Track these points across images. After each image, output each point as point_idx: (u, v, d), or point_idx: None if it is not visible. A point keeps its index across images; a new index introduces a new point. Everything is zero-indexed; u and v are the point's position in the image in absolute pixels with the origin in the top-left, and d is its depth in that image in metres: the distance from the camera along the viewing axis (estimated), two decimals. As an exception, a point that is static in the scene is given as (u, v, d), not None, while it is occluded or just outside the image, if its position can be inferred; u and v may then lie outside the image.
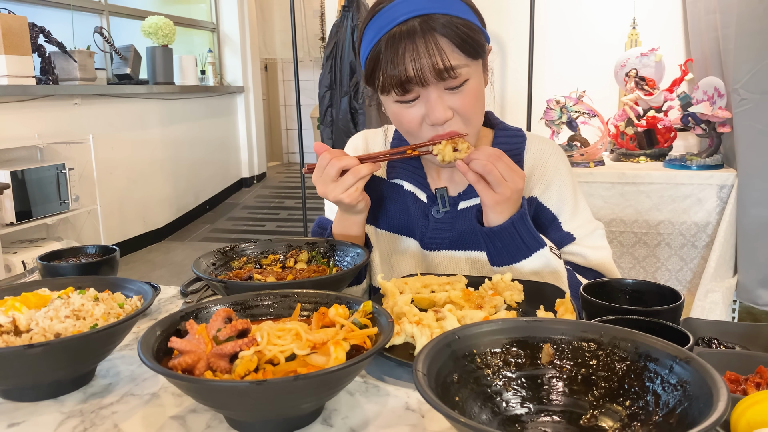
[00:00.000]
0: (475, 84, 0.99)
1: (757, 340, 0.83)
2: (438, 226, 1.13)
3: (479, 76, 1.01)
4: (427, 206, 1.14)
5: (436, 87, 0.96)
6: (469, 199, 1.12)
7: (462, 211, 1.12)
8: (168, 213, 5.22)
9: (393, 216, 1.17)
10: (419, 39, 0.93)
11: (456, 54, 0.95)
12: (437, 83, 0.95)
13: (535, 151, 1.14)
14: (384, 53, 0.95)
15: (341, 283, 0.95)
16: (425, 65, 0.93)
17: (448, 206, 1.12)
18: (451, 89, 0.97)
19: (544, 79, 3.17)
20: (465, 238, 1.12)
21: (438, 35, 0.93)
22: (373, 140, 1.23)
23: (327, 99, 3.61)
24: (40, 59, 3.73)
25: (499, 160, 0.96)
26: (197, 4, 6.29)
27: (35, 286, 0.87)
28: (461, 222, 1.11)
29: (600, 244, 1.13)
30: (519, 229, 0.99)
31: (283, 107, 8.30)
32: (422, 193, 1.15)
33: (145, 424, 0.68)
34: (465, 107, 0.99)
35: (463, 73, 0.96)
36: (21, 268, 3.21)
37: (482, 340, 0.64)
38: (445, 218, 1.13)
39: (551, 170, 1.12)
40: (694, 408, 0.52)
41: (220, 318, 0.70)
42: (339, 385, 0.65)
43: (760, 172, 2.35)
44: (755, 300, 2.42)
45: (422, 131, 1.01)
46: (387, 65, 0.95)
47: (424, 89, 0.96)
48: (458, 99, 0.98)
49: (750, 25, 2.29)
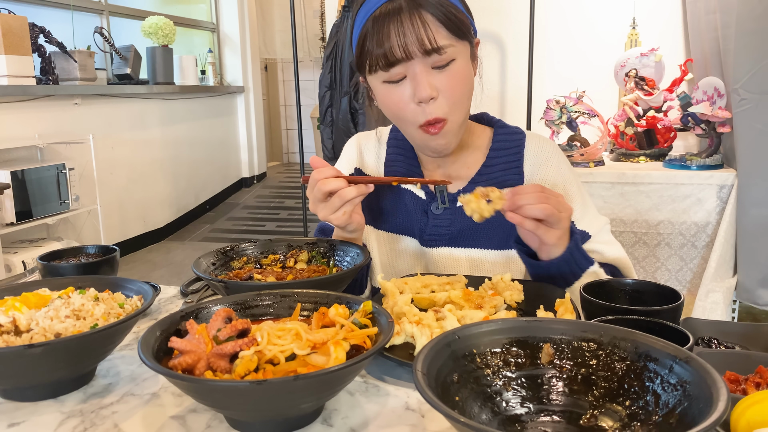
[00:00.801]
0: (461, 66, 0.99)
1: (757, 340, 0.83)
2: (437, 222, 1.13)
3: (466, 60, 1.01)
4: (426, 203, 1.14)
5: (422, 63, 0.96)
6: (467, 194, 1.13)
7: (461, 208, 1.12)
8: (168, 213, 5.22)
9: (392, 216, 1.17)
10: (405, 15, 0.94)
11: (442, 31, 0.96)
12: (423, 59, 0.96)
13: (535, 149, 1.13)
14: (370, 31, 0.97)
15: (341, 283, 0.95)
16: (410, 40, 0.94)
17: (447, 202, 1.12)
18: (437, 68, 0.97)
19: (544, 79, 3.17)
20: (464, 234, 1.12)
21: (424, 11, 0.95)
22: (366, 145, 1.22)
23: (327, 99, 3.61)
24: (40, 59, 3.73)
25: (547, 195, 0.90)
26: (197, 4, 6.29)
27: (35, 286, 0.87)
28: (460, 218, 1.11)
29: (611, 239, 1.13)
30: (575, 256, 0.96)
31: (283, 107, 8.30)
32: (420, 190, 1.15)
33: (145, 424, 0.68)
34: (451, 88, 0.98)
35: (449, 51, 0.96)
36: (21, 268, 3.21)
37: (482, 340, 0.64)
38: (445, 214, 1.12)
39: (554, 170, 1.12)
40: (694, 408, 0.52)
41: (220, 318, 0.70)
42: (339, 385, 0.65)
43: (760, 172, 2.35)
44: (755, 300, 2.42)
45: (409, 113, 1.00)
46: (373, 43, 0.96)
47: (411, 67, 0.96)
48: (444, 78, 0.98)
49: (750, 25, 2.29)
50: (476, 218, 0.93)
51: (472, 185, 1.10)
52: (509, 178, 1.11)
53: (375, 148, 1.21)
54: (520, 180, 1.11)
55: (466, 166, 1.14)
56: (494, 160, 1.12)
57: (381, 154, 1.19)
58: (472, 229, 1.10)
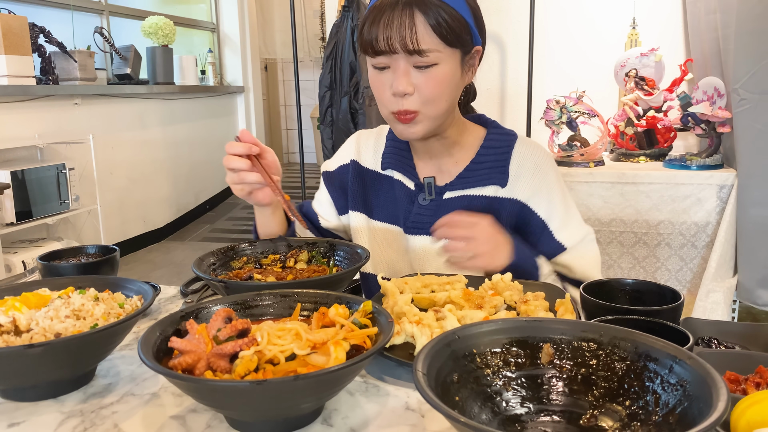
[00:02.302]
0: (444, 71, 1.01)
1: (757, 340, 0.83)
2: (421, 211, 1.15)
3: (453, 67, 1.02)
4: (413, 193, 1.17)
5: (404, 60, 1.00)
6: (455, 189, 1.14)
7: (447, 201, 1.14)
8: (168, 213, 5.22)
9: (383, 206, 1.20)
10: (397, 12, 0.97)
11: (429, 35, 0.98)
12: (405, 56, 0.99)
13: (523, 152, 1.14)
14: (367, 18, 1.01)
15: (341, 283, 0.95)
16: (395, 36, 0.97)
17: (434, 194, 1.14)
18: (419, 67, 1.00)
19: (544, 79, 3.17)
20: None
21: (416, 11, 0.97)
22: (366, 142, 1.25)
23: (327, 99, 3.61)
24: (40, 59, 3.72)
25: (453, 228, 1.00)
26: (197, 4, 6.29)
27: (35, 286, 0.87)
28: (444, 211, 1.12)
29: (589, 252, 1.14)
30: (521, 263, 1.03)
31: (283, 107, 8.30)
32: (410, 181, 1.17)
33: (145, 424, 0.68)
34: (428, 88, 1.01)
35: (432, 56, 0.99)
36: (21, 268, 3.21)
37: (482, 340, 0.64)
38: (430, 206, 1.15)
39: (539, 175, 1.13)
40: (694, 408, 0.52)
41: (220, 318, 0.70)
42: (339, 385, 0.65)
43: (760, 172, 2.35)
44: (755, 300, 2.42)
45: (385, 99, 1.05)
46: (365, 28, 1.01)
47: (394, 60, 1.00)
48: (423, 78, 1.00)
49: (749, 25, 2.29)
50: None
51: (459, 180, 1.13)
52: (494, 176, 1.13)
53: (374, 141, 1.24)
54: (504, 180, 1.12)
55: (455, 162, 1.16)
56: (482, 158, 1.14)
57: (379, 148, 1.23)
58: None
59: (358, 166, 1.23)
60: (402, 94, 1.01)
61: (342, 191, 1.25)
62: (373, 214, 1.21)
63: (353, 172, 1.22)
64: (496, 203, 1.12)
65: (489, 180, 1.13)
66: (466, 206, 1.12)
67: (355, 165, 1.23)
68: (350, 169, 1.23)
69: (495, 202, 1.12)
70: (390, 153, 1.20)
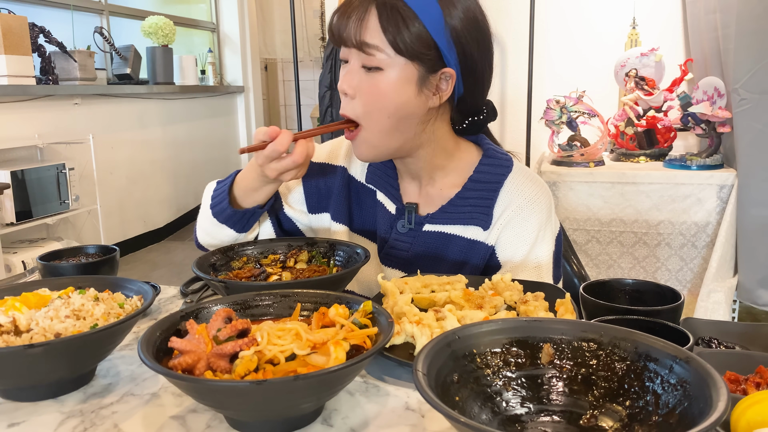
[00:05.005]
0: (390, 79, 0.95)
1: (757, 339, 0.83)
2: (399, 238, 1.09)
3: (403, 80, 0.95)
4: (394, 218, 1.10)
5: (357, 58, 0.97)
6: (435, 223, 1.07)
7: (425, 233, 1.08)
8: (168, 213, 5.22)
9: (362, 220, 1.15)
10: (358, 3, 0.95)
11: (378, 33, 0.94)
12: (357, 53, 0.96)
13: (513, 191, 1.06)
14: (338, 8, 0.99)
15: (341, 283, 0.95)
16: (344, 26, 0.96)
17: (413, 224, 1.08)
18: (366, 69, 0.96)
19: (544, 78, 3.17)
20: (419, 262, 1.08)
21: (373, 7, 0.94)
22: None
23: (327, 99, 3.61)
24: (40, 59, 3.72)
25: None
26: (197, 4, 6.28)
27: (35, 286, 0.87)
28: (419, 244, 1.08)
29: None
30: None
31: (283, 107, 8.30)
32: (392, 204, 1.11)
33: (145, 424, 0.68)
34: (368, 95, 0.96)
35: (378, 57, 0.94)
36: (21, 268, 3.21)
37: (482, 340, 0.64)
38: (408, 234, 1.09)
39: (525, 221, 1.05)
40: (694, 408, 0.52)
41: (220, 318, 0.70)
42: (339, 385, 0.65)
43: (760, 172, 2.35)
44: (755, 300, 2.42)
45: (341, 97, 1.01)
46: (332, 16, 0.99)
47: (351, 56, 0.98)
48: (366, 83, 0.96)
49: (750, 25, 2.29)
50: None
51: (441, 213, 1.07)
52: (477, 216, 1.06)
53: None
54: (487, 222, 1.05)
55: (440, 189, 1.09)
56: (469, 192, 1.07)
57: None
58: (427, 258, 1.08)
59: (347, 174, 1.16)
60: (343, 93, 0.98)
61: (317, 189, 1.16)
62: (353, 225, 1.15)
63: (342, 181, 1.15)
64: (474, 247, 1.06)
65: (472, 220, 1.06)
66: (442, 245, 1.07)
67: (343, 173, 1.16)
68: (339, 177, 1.15)
69: (473, 246, 1.06)
70: (375, 167, 1.13)
